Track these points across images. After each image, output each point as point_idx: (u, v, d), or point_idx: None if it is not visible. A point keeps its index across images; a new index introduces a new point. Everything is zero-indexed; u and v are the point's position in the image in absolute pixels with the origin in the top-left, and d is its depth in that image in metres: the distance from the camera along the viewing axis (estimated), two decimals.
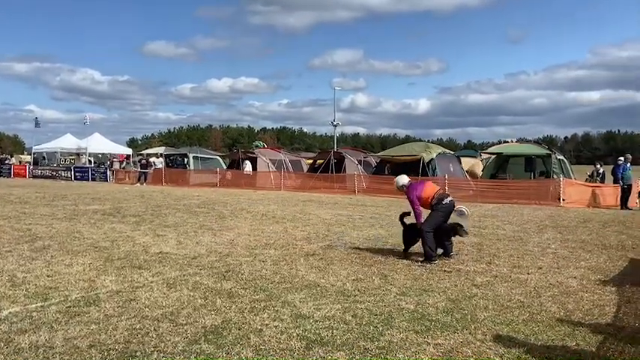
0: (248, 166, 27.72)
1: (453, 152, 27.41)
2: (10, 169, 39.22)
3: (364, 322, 4.74)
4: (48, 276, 6.26)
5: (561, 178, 18.51)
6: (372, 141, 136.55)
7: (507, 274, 6.81)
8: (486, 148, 28.87)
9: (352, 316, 4.90)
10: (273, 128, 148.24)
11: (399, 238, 9.79)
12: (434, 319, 4.89)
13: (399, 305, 5.31)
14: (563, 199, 17.49)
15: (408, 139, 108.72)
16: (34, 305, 5.05)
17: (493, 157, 24.29)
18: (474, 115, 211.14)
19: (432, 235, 7.60)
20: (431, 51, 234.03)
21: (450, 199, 7.95)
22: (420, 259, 7.56)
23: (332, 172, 25.29)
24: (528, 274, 6.86)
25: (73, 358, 3.80)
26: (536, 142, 28.81)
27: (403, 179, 8.33)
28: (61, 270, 6.60)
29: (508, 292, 5.92)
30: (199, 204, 16.61)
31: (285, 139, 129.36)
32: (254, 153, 30.12)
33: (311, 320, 4.76)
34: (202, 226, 11.07)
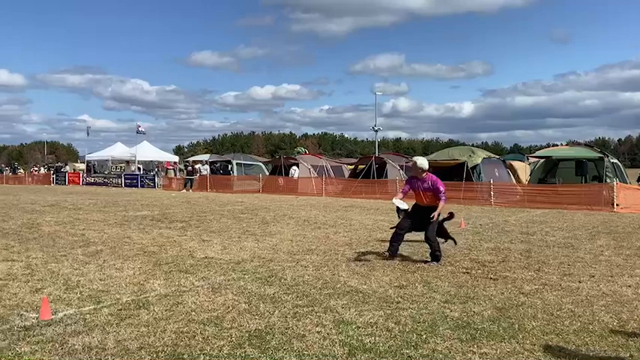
0: (296, 172, 27.97)
1: (498, 157, 26.75)
2: (65, 176, 41.14)
3: (407, 330, 4.69)
4: (100, 279, 6.51)
5: (615, 182, 17.74)
6: (414, 145, 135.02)
7: (557, 282, 6.58)
8: (534, 152, 27.91)
9: (395, 323, 4.86)
10: (314, 134, 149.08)
11: (442, 244, 9.65)
12: (479, 327, 4.78)
13: (443, 313, 5.22)
14: (617, 204, 16.74)
15: (451, 144, 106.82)
16: (87, 308, 5.26)
17: (541, 161, 23.52)
18: (520, 117, 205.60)
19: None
20: (474, 53, 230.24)
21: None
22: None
23: (373, 177, 25.18)
24: (579, 282, 6.61)
25: (123, 359, 3.94)
26: (588, 144, 27.66)
27: (426, 162, 8.09)
28: (112, 274, 6.86)
29: (558, 300, 5.72)
30: (243, 210, 16.89)
31: (327, 144, 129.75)
32: (296, 159, 30.39)
33: (353, 326, 4.75)
34: (246, 232, 11.25)
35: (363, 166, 27.25)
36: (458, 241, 9.01)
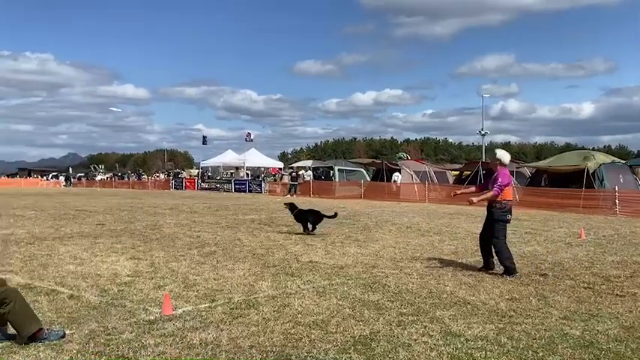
0: (399, 178, 27.72)
1: (623, 161, 24.35)
2: (182, 182, 44.45)
3: (522, 346, 4.40)
4: (214, 279, 6.92)
5: None
6: (526, 150, 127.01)
7: None
8: None
9: (508, 338, 4.59)
10: (416, 139, 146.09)
11: (559, 256, 8.99)
12: (604, 347, 4.36)
13: (561, 330, 4.84)
14: None
15: (567, 148, 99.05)
16: (203, 305, 5.61)
17: None
18: None
19: (506, 245, 7.35)
20: (595, 50, 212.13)
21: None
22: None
23: (481, 183, 24.12)
24: None
25: (236, 356, 4.14)
26: None
27: (507, 156, 7.62)
28: (225, 274, 7.25)
29: None
30: (345, 215, 17.02)
31: (429, 150, 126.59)
32: (397, 165, 30.06)
33: (462, 339, 4.57)
34: (348, 237, 11.33)
35: (469, 172, 26.24)
36: (566, 253, 8.31)
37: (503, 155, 7.59)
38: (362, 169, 35.97)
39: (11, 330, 4.40)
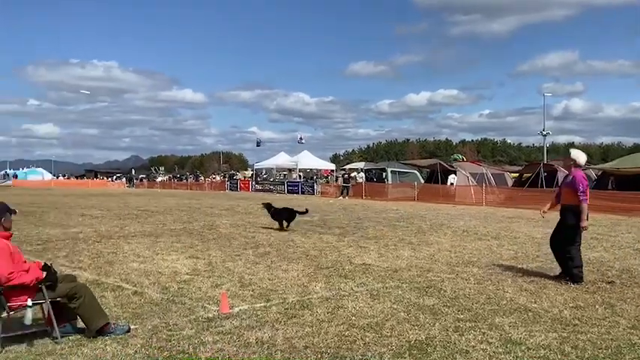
0: (454, 180, 27.18)
1: None
2: (237, 183, 45.48)
3: (587, 356, 4.20)
4: (269, 279, 7.03)
5: None
6: (591, 151, 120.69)
7: None
8: None
9: (572, 348, 4.39)
10: (472, 140, 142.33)
11: (627, 263, 8.52)
12: None
13: (629, 340, 4.58)
14: None
15: (636, 149, 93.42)
16: (258, 305, 5.71)
17: None
18: None
19: (580, 253, 6.99)
20: None
21: None
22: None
23: (542, 186, 23.20)
24: None
25: (291, 356, 4.19)
26: None
27: (582, 156, 7.21)
28: (279, 274, 7.35)
29: None
30: (398, 218, 16.86)
31: (486, 151, 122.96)
32: (453, 166, 29.43)
33: (523, 347, 4.41)
34: (402, 240, 11.20)
35: (530, 174, 25.33)
36: (635, 260, 7.82)
37: (579, 155, 7.21)
38: (415, 171, 35.44)
39: (80, 324, 4.65)
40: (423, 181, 31.80)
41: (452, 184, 26.98)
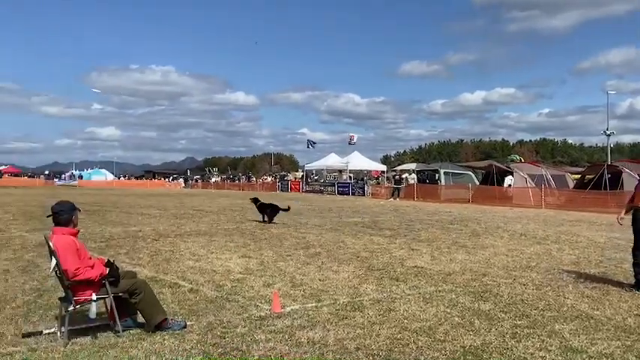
0: (512, 181, 26.36)
1: None
2: (287, 184, 45.99)
3: None
4: (320, 280, 7.06)
5: None
6: None
7: None
8: None
9: (636, 357, 4.15)
10: (531, 140, 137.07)
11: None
12: None
13: None
14: None
15: None
16: (309, 305, 5.74)
17: None
18: None
19: None
20: None
21: None
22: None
23: (606, 188, 22.06)
24: None
25: (343, 357, 4.18)
26: None
27: None
28: (329, 275, 7.37)
29: None
30: (451, 220, 16.51)
31: (545, 152, 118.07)
32: (510, 167, 28.51)
33: (584, 355, 4.21)
34: (455, 243, 10.96)
35: (592, 176, 24.16)
36: None
37: None
38: (470, 172, 34.57)
39: (140, 319, 4.84)
40: (477, 182, 30.98)
41: (509, 185, 26.11)
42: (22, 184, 56.51)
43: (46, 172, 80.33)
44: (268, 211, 14.77)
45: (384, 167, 51.42)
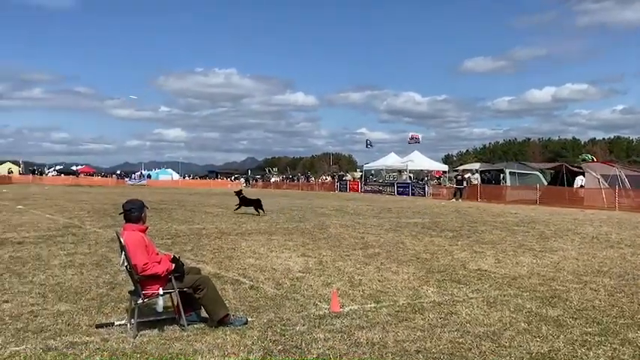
0: (582, 182, 25.07)
1: None
2: (346, 184, 46.00)
3: None
4: (379, 280, 7.00)
5: None
6: None
7: None
8: None
9: None
10: (604, 139, 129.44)
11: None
12: None
13: None
14: None
15: None
16: (368, 306, 5.71)
17: None
18: None
19: None
20: None
21: None
22: None
23: None
24: None
25: (402, 359, 4.12)
26: None
27: None
28: (389, 276, 7.29)
29: None
30: (517, 222, 15.89)
31: (620, 151, 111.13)
32: (581, 168, 27.07)
33: None
34: (522, 246, 10.54)
35: None
36: None
37: None
38: (537, 173, 33.11)
39: (204, 313, 4.99)
40: (545, 183, 29.64)
41: (582, 186, 24.78)
42: (96, 184, 59.99)
43: (118, 172, 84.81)
44: (254, 205, 17.50)
45: (445, 167, 50.30)
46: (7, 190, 35.68)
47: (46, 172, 72.81)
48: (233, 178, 75.60)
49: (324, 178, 64.00)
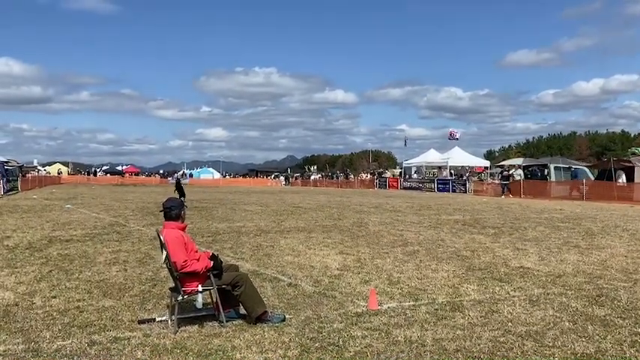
0: (622, 178, 24.05)
1: None
2: (385, 181, 45.68)
3: None
4: (418, 278, 6.91)
5: None
6: None
7: None
8: None
9: None
10: None
11: None
12: None
13: None
14: None
15: None
16: (406, 303, 5.64)
17: None
18: None
19: None
20: None
21: None
22: None
23: None
24: None
25: (441, 358, 4.05)
26: None
27: None
28: (428, 274, 7.19)
29: None
30: (562, 218, 15.37)
31: None
32: (630, 162, 25.92)
33: None
34: (567, 243, 10.18)
35: None
36: None
37: None
38: (584, 167, 31.92)
39: (242, 310, 5.06)
40: (593, 178, 28.54)
41: (623, 182, 23.72)
42: (140, 183, 61.87)
43: (161, 172, 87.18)
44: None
45: (487, 163, 49.18)
46: (56, 189, 37.29)
47: (97, 172, 75.72)
48: (273, 176, 76.36)
49: (363, 175, 63.75)
